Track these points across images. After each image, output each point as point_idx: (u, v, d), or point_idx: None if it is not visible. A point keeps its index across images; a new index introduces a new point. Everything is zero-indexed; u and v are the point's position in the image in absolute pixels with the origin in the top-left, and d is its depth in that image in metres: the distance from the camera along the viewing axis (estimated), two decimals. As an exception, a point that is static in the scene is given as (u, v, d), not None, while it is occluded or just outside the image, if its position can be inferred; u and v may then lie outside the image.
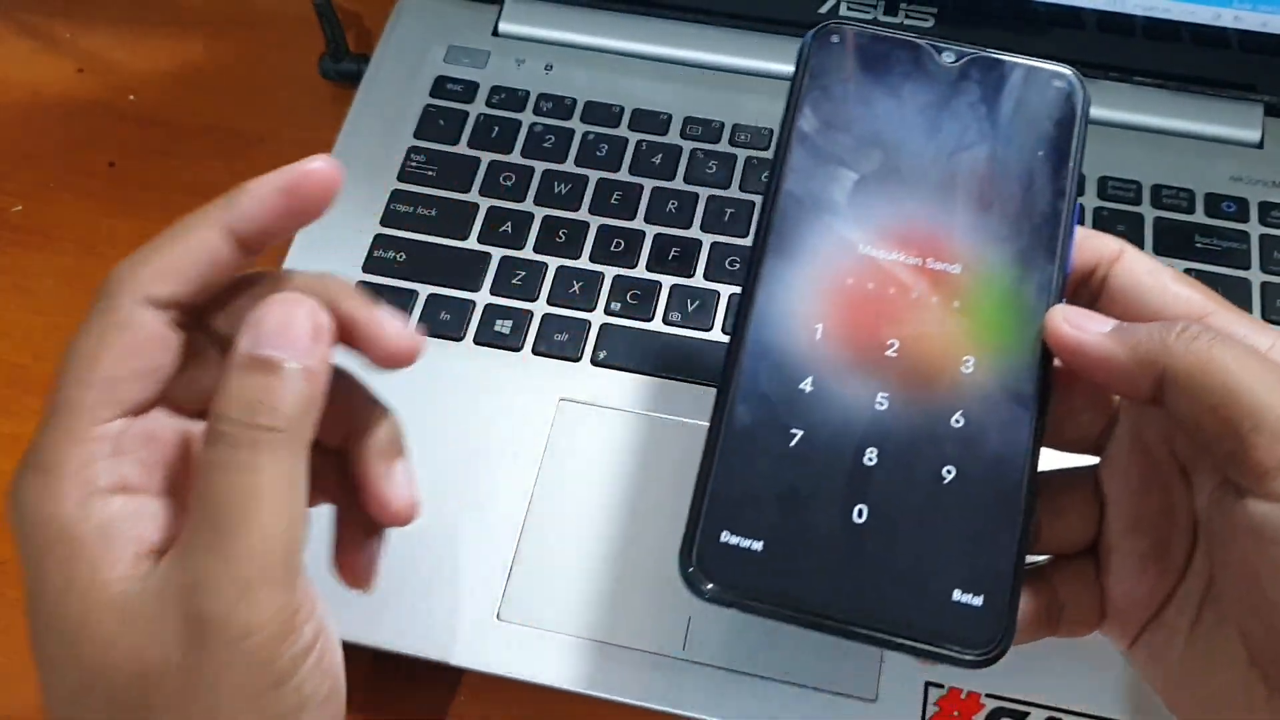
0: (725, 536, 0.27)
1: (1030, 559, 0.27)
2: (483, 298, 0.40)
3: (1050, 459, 0.28)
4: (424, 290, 0.40)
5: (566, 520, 0.36)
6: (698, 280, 0.40)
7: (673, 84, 0.45)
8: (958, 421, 0.27)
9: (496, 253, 0.41)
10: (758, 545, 0.26)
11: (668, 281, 0.40)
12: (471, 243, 0.41)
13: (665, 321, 0.40)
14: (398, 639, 0.34)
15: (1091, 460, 0.29)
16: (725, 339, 0.39)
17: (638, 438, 0.37)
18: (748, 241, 0.41)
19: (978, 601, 0.26)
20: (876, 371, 0.28)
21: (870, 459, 0.27)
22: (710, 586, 0.26)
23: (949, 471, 0.27)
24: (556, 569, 0.35)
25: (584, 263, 0.41)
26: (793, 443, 0.27)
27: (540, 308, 0.40)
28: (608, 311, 0.40)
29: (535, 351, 0.39)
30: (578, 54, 0.46)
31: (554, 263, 0.41)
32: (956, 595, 0.26)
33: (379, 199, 0.42)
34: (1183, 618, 0.28)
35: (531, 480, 0.36)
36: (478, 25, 0.47)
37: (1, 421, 0.40)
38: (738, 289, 0.40)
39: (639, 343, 0.39)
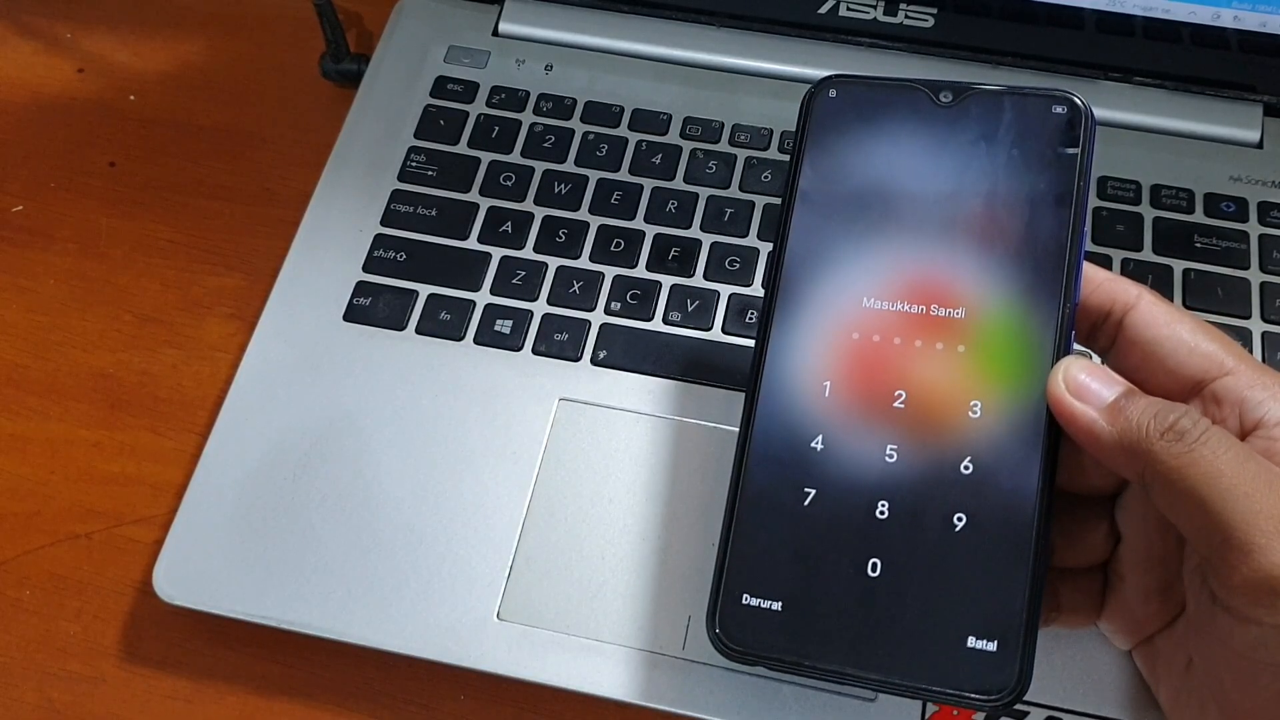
0: (746, 599, 0.27)
1: None
2: (483, 298, 0.40)
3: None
4: (424, 290, 0.40)
5: (566, 520, 0.36)
6: (698, 280, 0.40)
7: (673, 84, 0.45)
8: (966, 468, 0.27)
9: (496, 253, 0.41)
10: (777, 605, 0.27)
11: (668, 281, 0.40)
12: (471, 243, 0.41)
13: (665, 321, 0.40)
14: (398, 639, 0.34)
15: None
16: (725, 339, 0.39)
17: (637, 438, 0.37)
18: (748, 241, 0.41)
19: (992, 647, 0.26)
20: (884, 424, 0.27)
21: (882, 512, 0.27)
22: (734, 648, 0.27)
23: (959, 519, 0.27)
24: (556, 569, 0.35)
25: (584, 263, 0.41)
26: (806, 502, 0.27)
27: (540, 308, 0.40)
28: (608, 311, 0.40)
29: (535, 351, 0.39)
30: (578, 54, 0.46)
31: (554, 263, 0.41)
32: (971, 642, 0.26)
33: (379, 199, 0.42)
34: (1179, 654, 0.28)
35: (531, 480, 0.36)
36: (478, 25, 0.47)
37: (1, 422, 0.40)
38: (736, 288, 0.40)
39: (639, 343, 0.39)
